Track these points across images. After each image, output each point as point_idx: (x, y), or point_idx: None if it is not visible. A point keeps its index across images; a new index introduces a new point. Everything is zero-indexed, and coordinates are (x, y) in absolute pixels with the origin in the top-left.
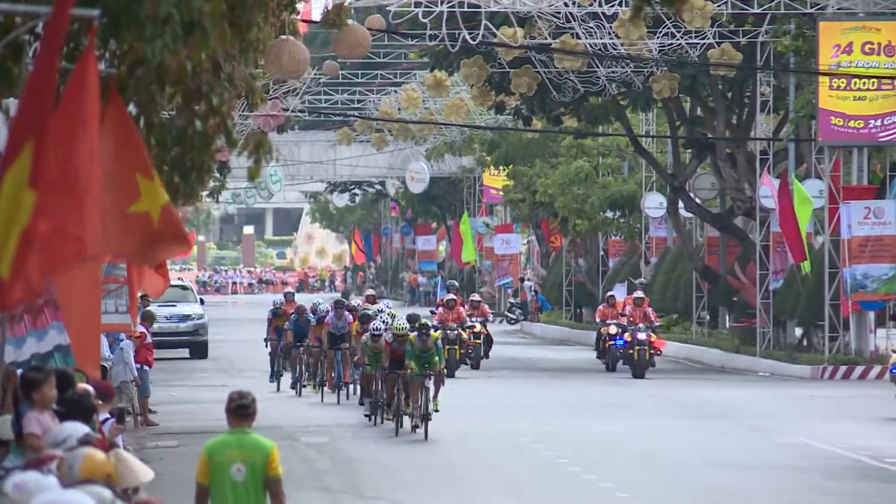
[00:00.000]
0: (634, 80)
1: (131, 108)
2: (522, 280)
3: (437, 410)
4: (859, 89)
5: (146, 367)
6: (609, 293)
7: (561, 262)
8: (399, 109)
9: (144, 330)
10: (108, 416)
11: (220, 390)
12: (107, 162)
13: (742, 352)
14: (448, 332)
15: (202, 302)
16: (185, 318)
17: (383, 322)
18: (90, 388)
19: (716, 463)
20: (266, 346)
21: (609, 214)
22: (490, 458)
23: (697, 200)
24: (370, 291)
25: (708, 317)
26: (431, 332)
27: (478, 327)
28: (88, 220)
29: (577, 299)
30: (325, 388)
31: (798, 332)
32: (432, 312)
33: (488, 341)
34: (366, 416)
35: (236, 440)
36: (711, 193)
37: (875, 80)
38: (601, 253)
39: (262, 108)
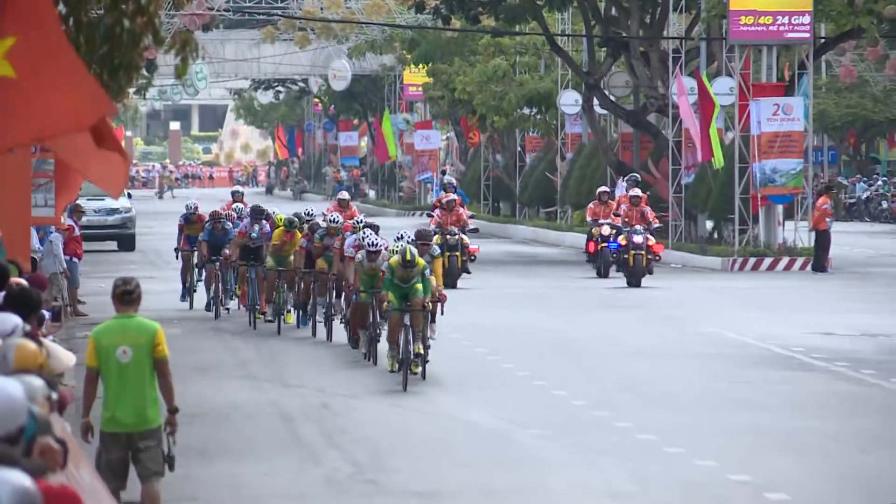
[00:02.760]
0: None
1: (61, 7)
2: (443, 174)
3: (420, 353)
4: None
5: (75, 259)
6: (601, 188)
7: (479, 158)
8: (322, 9)
9: (73, 223)
10: (44, 311)
11: (149, 282)
12: None
13: None
14: (448, 237)
15: (129, 196)
16: (113, 211)
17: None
18: (23, 282)
19: (629, 352)
20: (177, 258)
21: (526, 111)
22: None
23: (612, 98)
24: (343, 195)
25: None
26: (417, 259)
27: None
28: None
29: (495, 194)
30: (237, 305)
31: (709, 225)
32: (429, 215)
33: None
34: (364, 354)
35: (121, 324)
36: (625, 91)
37: None
38: (518, 149)
39: (189, 6)
